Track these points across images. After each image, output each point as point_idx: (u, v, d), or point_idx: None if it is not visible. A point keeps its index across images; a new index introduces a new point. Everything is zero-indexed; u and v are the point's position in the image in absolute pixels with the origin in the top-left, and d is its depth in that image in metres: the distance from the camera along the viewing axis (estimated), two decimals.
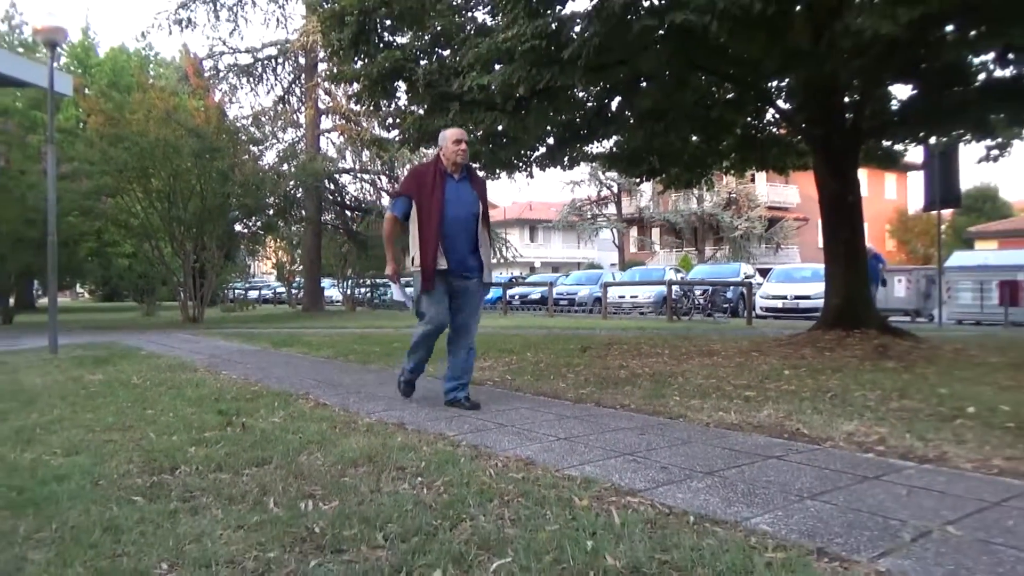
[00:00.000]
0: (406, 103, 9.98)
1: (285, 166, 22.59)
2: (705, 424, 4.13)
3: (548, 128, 10.57)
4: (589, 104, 10.39)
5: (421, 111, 9.56)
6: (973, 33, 7.60)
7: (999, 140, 10.77)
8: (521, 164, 11.61)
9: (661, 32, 6.91)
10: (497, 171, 11.52)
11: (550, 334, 11.83)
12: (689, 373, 6.28)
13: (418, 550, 2.17)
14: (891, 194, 45.18)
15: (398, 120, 10.07)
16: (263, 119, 23.47)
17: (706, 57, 8.05)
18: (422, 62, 9.11)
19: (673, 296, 18.05)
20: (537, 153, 11.51)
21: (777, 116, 10.59)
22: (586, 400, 5.02)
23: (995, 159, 11.07)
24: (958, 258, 17.08)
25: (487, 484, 2.86)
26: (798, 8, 7.41)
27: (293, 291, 31.32)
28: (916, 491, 2.80)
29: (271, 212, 21.59)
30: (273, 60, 24.05)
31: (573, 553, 2.12)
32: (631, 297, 22.02)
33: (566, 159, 11.69)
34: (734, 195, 38.88)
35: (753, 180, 37.42)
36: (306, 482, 2.93)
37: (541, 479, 2.94)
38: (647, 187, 38.77)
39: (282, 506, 2.62)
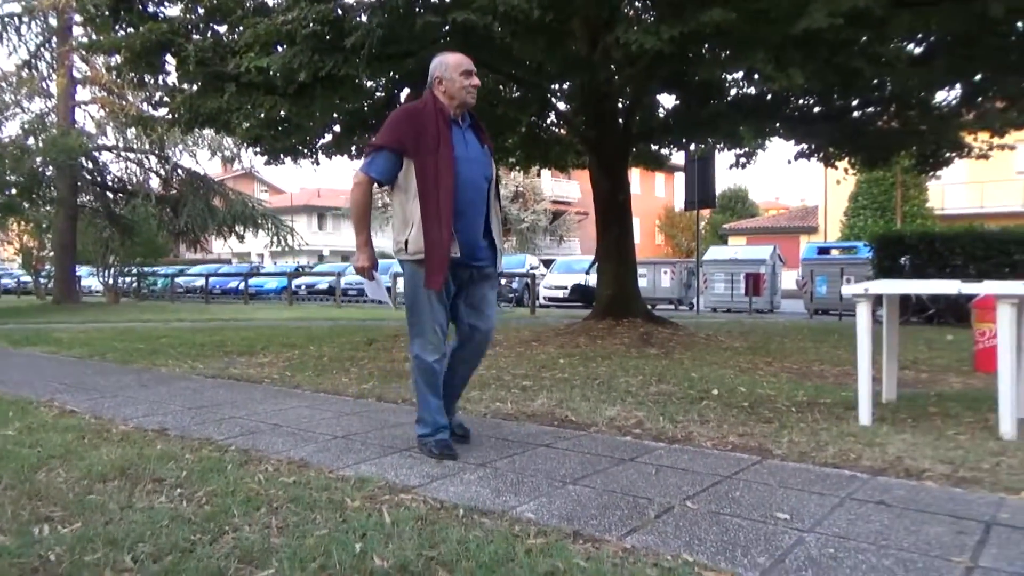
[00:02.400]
0: (176, 80, 9.23)
1: (31, 140, 19.98)
2: (482, 415, 4.28)
3: (335, 116, 10.31)
4: (379, 94, 10.27)
5: (193, 89, 8.89)
6: (724, 54, 8.52)
7: (746, 149, 12.22)
8: (306, 151, 11.22)
9: (447, 28, 7.02)
10: (281, 157, 11.05)
11: (336, 326, 11.58)
12: None
13: (171, 570, 2.04)
14: (660, 192, 49.37)
15: (167, 98, 9.28)
16: (3, 84, 20.57)
17: (490, 56, 8.26)
18: (194, 37, 8.47)
19: None
20: (323, 141, 11.18)
21: (558, 117, 11.15)
22: (368, 395, 4.98)
23: (743, 165, 12.54)
24: (713, 252, 19.08)
25: (255, 491, 2.74)
26: (575, 18, 7.83)
27: (41, 280, 27.83)
28: (664, 470, 3.09)
29: (13, 191, 19.00)
30: (16, 19, 21.11)
31: (340, 557, 2.10)
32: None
33: (354, 148, 11.48)
34: (521, 189, 40.40)
35: (539, 175, 39.10)
36: (43, 503, 2.63)
37: (314, 482, 2.87)
38: None
39: (11, 533, 2.33)
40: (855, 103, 10.45)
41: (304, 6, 6.84)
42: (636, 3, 9.50)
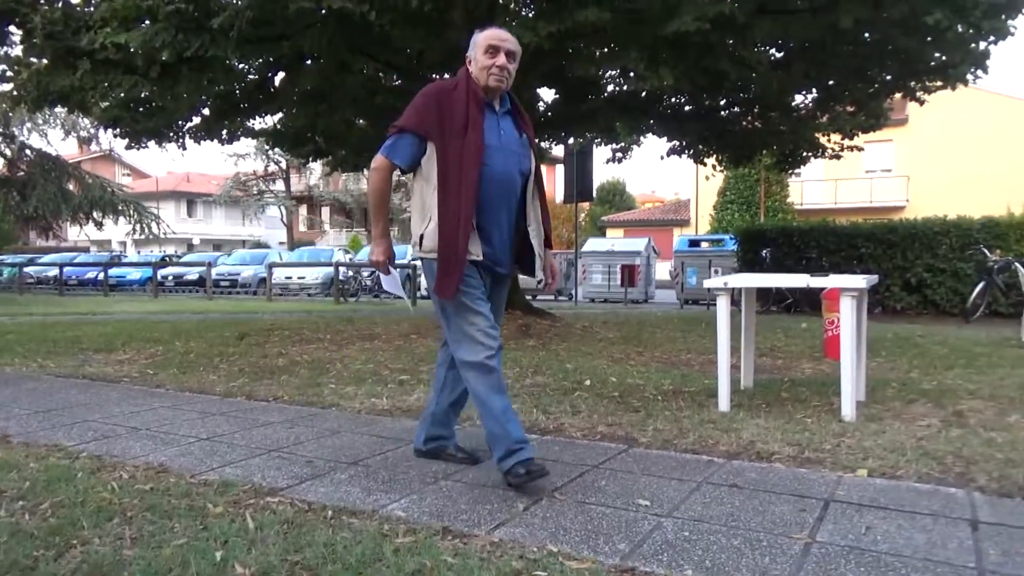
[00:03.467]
0: (22, 53, 8.50)
1: None
2: (357, 412, 4.22)
3: (203, 98, 9.83)
4: (251, 77, 9.87)
5: (42, 64, 8.22)
6: (601, 52, 8.75)
7: (622, 144, 12.63)
8: (172, 134, 10.65)
9: (324, 12, 6.83)
10: (143, 140, 10.43)
11: (206, 319, 11.07)
12: (348, 359, 6.35)
13: None
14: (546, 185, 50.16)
15: (11, 72, 8.54)
16: None
17: (369, 43, 8.13)
18: (42, 7, 7.83)
19: (341, 278, 18.05)
20: (191, 124, 10.65)
21: None
22: (237, 394, 4.80)
23: (620, 160, 12.96)
24: (591, 244, 19.61)
25: (107, 501, 2.59)
26: (455, 9, 7.81)
27: None
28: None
29: None
30: None
31: (199, 567, 2.03)
32: (298, 278, 21.53)
33: (224, 132, 11.00)
34: (404, 178, 39.95)
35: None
36: None
37: (173, 488, 2.75)
38: (317, 164, 38.08)
39: None
40: (722, 103, 11.02)
41: None
42: None
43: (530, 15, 8.67)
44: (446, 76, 10.94)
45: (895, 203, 28.55)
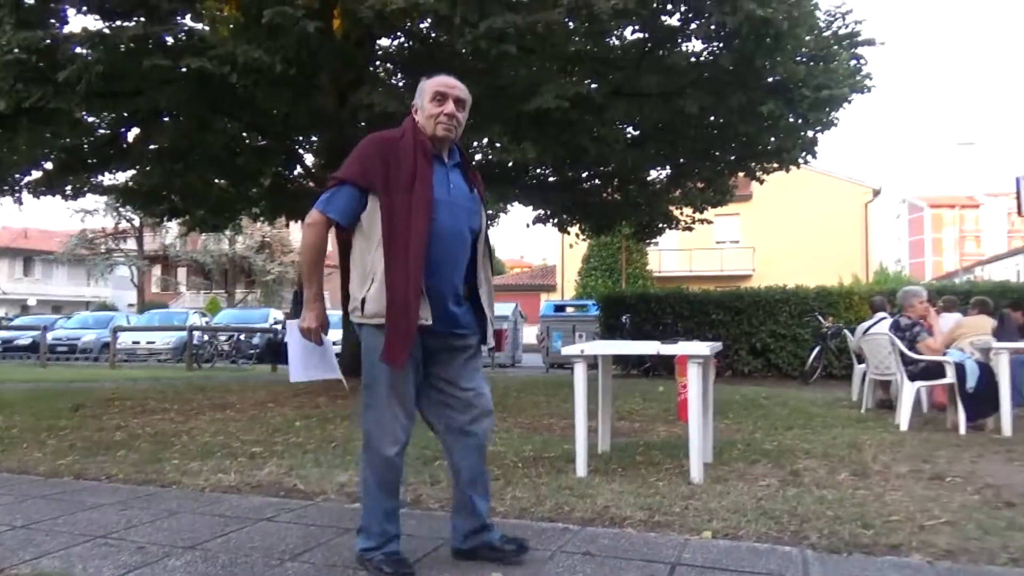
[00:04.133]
0: None
1: None
2: (201, 489, 3.96)
3: (45, 151, 9.24)
4: (101, 131, 9.39)
5: None
6: (468, 123, 9.00)
7: (489, 212, 12.93)
8: (7, 188, 9.89)
9: (184, 70, 6.65)
10: None
11: (37, 389, 10.12)
12: (196, 431, 5.97)
13: None
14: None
15: None
16: None
17: (231, 104, 7.97)
18: None
19: (195, 342, 17.10)
20: (31, 177, 9.94)
21: (305, 170, 10.97)
22: (64, 473, 4.39)
23: (488, 227, 13.22)
24: None
25: None
26: (322, 74, 7.83)
27: None
28: None
29: None
30: None
31: None
32: (147, 343, 20.22)
33: (69, 188, 10.34)
34: (268, 239, 38.86)
35: (288, 226, 37.96)
36: None
37: None
38: (173, 224, 36.37)
39: None
40: (584, 176, 11.58)
41: (7, 30, 6.10)
42: (388, 64, 9.78)
43: (400, 84, 8.86)
44: (313, 139, 10.93)
45: (743, 272, 30.70)
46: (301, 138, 10.63)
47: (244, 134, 10.10)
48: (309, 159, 11.59)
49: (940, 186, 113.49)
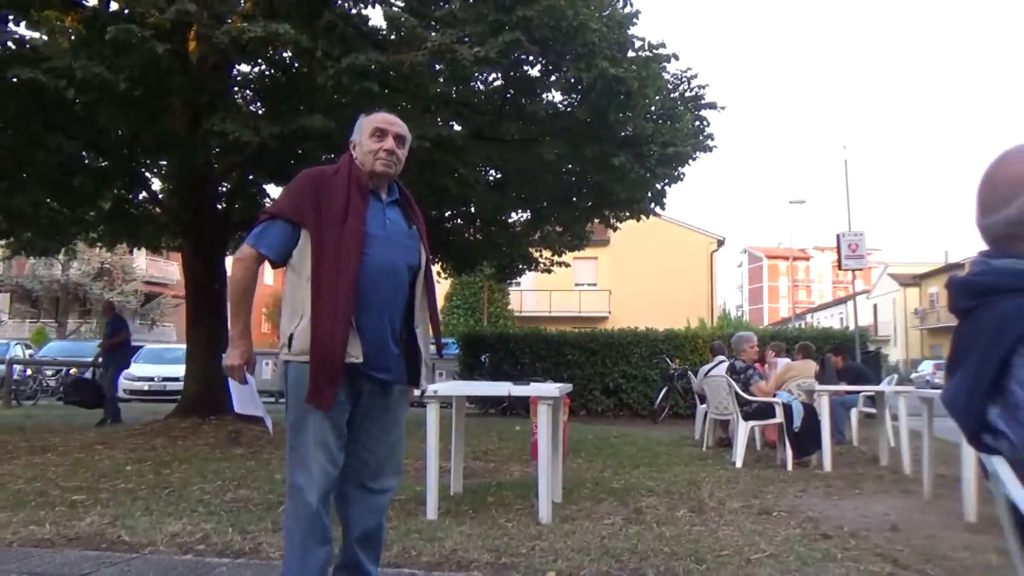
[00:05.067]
0: None
1: None
2: (8, 544, 3.58)
3: None
4: None
5: None
6: (329, 157, 8.88)
7: None
8: None
9: (15, 80, 6.14)
10: None
11: None
12: (8, 476, 5.41)
13: None
14: (268, 279, 48.35)
15: None
16: None
17: (68, 120, 7.43)
18: None
19: (15, 377, 15.52)
20: None
21: (150, 195, 10.36)
22: None
23: None
24: None
25: None
26: (172, 97, 7.47)
27: None
28: None
29: None
30: None
31: None
32: None
33: None
34: (108, 266, 36.19)
35: (131, 252, 35.58)
36: None
37: None
38: None
39: None
40: (446, 215, 11.65)
41: None
42: (246, 91, 9.48)
43: (258, 112, 8.60)
44: (162, 162, 10.36)
45: (600, 314, 31.86)
46: (148, 161, 10.04)
47: (84, 153, 9.43)
48: (156, 183, 10.99)
49: (775, 238, 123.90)
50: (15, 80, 5.89)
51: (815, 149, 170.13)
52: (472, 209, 11.02)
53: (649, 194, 9.30)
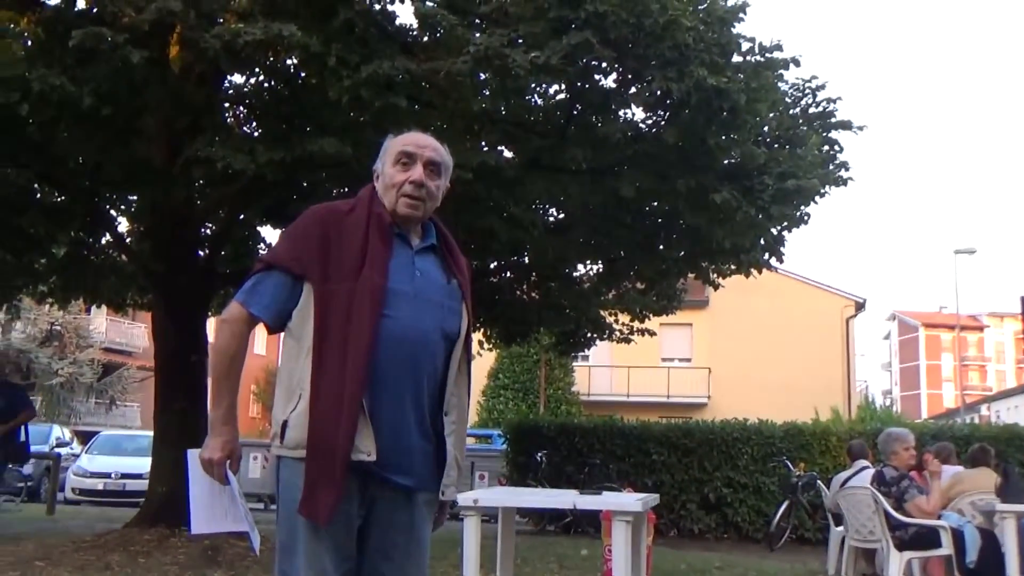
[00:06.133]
0: None
1: None
2: None
3: None
4: None
5: None
6: (342, 190, 9.11)
7: None
8: None
9: None
10: None
11: None
12: None
13: None
14: (260, 349, 49.19)
15: None
16: None
17: (18, 146, 7.82)
18: None
19: None
20: None
21: (115, 239, 10.74)
22: None
23: None
24: None
25: None
26: (147, 117, 7.80)
27: None
28: None
29: None
30: None
31: None
32: None
33: None
34: (58, 327, 37.36)
35: (88, 311, 36.71)
36: None
37: None
38: None
39: None
40: (492, 267, 11.77)
41: None
42: (240, 109, 9.85)
43: (254, 135, 8.91)
44: (131, 198, 10.76)
45: (695, 399, 31.48)
46: (114, 196, 10.46)
47: (36, 186, 9.87)
48: (123, 224, 11.39)
49: (936, 300, 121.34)
50: None
51: (988, 182, 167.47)
52: (526, 259, 11.11)
53: (762, 241, 9.24)
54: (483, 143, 8.49)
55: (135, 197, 10.34)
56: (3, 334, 37.02)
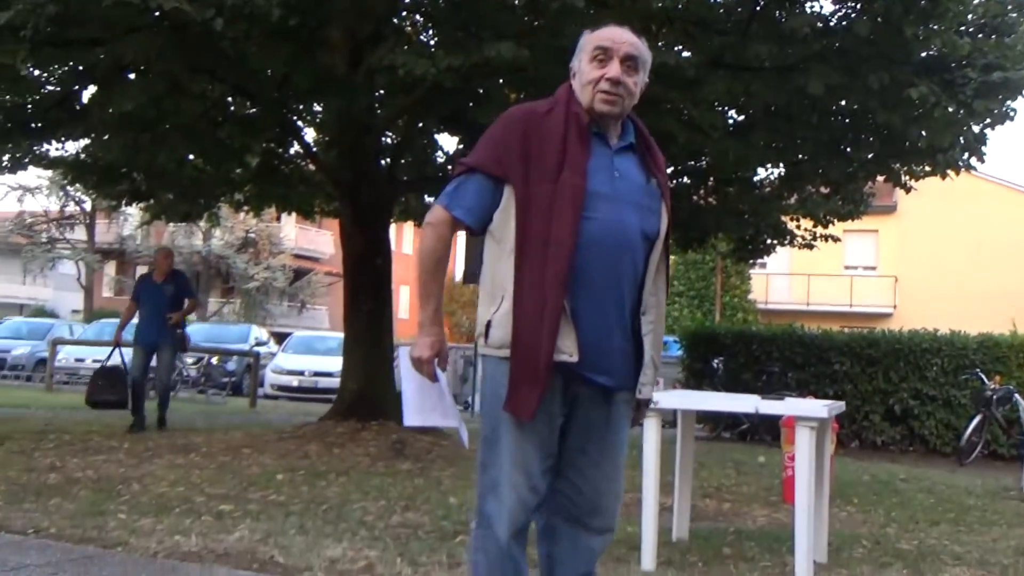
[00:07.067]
0: None
1: None
2: (153, 554, 4.08)
3: None
4: (49, 88, 9.73)
5: None
6: (519, 95, 9.12)
7: None
8: None
9: (157, 14, 6.88)
10: None
11: None
12: (151, 478, 6.14)
13: None
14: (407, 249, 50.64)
15: None
16: None
17: (215, 60, 8.20)
18: None
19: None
20: None
21: (304, 148, 11.20)
22: None
23: None
24: None
25: None
26: (332, 28, 8.00)
27: None
28: None
29: None
30: None
31: None
32: (94, 361, 20.69)
33: (6, 158, 10.73)
34: (253, 235, 39.58)
35: (279, 219, 38.66)
36: None
37: None
38: (134, 209, 37.26)
39: None
40: (670, 171, 11.57)
41: None
42: (417, 17, 9.96)
43: (430, 43, 9.01)
44: (317, 108, 11.16)
45: (880, 309, 30.29)
46: (301, 107, 10.86)
47: (229, 99, 10.37)
48: (310, 134, 11.84)
49: None
50: (158, 13, 6.58)
51: None
52: (704, 163, 10.85)
53: (962, 140, 8.65)
54: (661, 43, 8.27)
55: (321, 108, 10.70)
56: (204, 240, 39.60)
